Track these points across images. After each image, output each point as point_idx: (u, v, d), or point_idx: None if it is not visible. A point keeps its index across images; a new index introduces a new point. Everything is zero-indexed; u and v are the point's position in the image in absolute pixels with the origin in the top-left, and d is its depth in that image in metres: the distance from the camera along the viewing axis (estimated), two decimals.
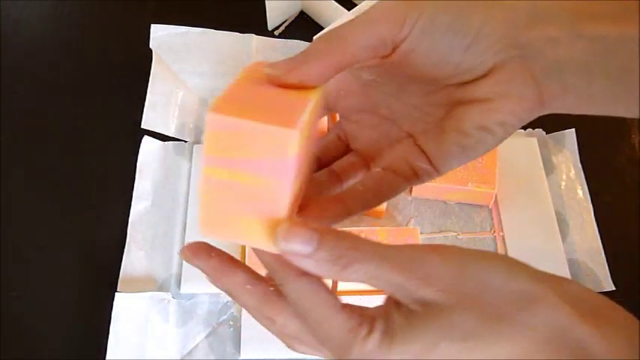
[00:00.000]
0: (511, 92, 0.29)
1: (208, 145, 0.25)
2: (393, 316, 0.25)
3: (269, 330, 0.29)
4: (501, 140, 0.30)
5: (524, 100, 0.29)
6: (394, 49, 0.29)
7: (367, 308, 0.26)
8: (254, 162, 0.25)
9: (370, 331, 0.25)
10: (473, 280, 0.24)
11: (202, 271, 0.29)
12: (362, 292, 0.53)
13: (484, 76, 0.29)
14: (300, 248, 0.25)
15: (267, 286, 0.28)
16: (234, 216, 0.27)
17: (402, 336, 0.24)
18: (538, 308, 0.24)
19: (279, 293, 0.28)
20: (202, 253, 0.29)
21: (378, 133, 0.34)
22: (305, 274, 0.26)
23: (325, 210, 0.31)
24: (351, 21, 0.29)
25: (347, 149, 0.35)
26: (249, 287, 0.28)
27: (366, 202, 0.32)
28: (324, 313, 0.25)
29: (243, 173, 0.25)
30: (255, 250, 0.27)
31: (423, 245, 0.26)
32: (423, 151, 0.32)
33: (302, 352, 0.30)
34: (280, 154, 0.24)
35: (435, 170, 0.32)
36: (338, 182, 0.34)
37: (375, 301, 0.27)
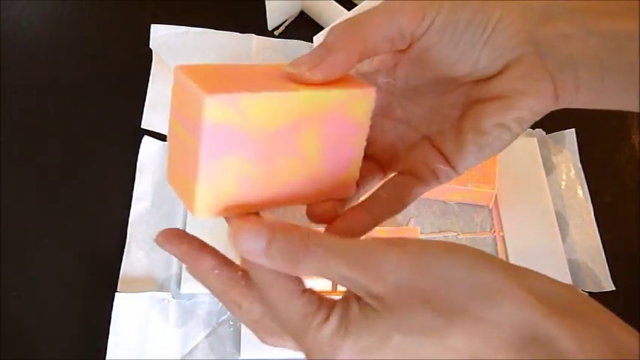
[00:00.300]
0: (528, 88, 0.29)
1: (172, 98, 0.29)
2: (351, 307, 0.25)
3: (235, 315, 0.29)
4: (516, 136, 0.31)
5: (541, 96, 0.30)
6: (411, 44, 0.29)
7: (328, 297, 0.26)
8: (188, 120, 0.27)
9: (326, 319, 0.24)
10: (429, 275, 0.24)
11: (175, 256, 0.30)
12: None
13: (500, 72, 0.30)
14: (250, 246, 0.25)
15: (235, 271, 0.29)
16: (180, 173, 0.28)
17: (357, 326, 0.24)
18: (502, 302, 0.23)
19: (247, 278, 0.28)
20: (174, 239, 0.30)
21: (393, 137, 0.34)
22: None
23: (354, 222, 0.31)
24: (370, 10, 0.29)
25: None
26: (216, 272, 0.29)
27: (391, 209, 0.32)
28: (282, 297, 0.26)
29: (183, 129, 0.27)
30: (229, 235, 0.27)
31: (380, 239, 0.25)
32: (441, 152, 0.32)
33: (272, 344, 0.30)
34: (198, 117, 0.26)
35: (454, 170, 0.32)
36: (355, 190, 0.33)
37: None
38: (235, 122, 0.26)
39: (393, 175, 0.34)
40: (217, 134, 0.26)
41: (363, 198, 0.33)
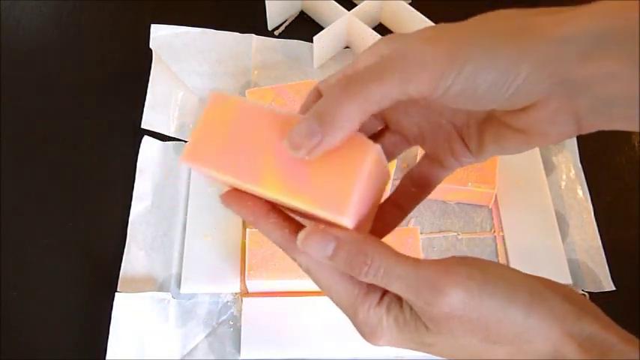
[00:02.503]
0: (550, 131, 0.28)
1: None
2: (404, 311, 0.28)
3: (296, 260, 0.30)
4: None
5: (561, 136, 0.29)
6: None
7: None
8: None
9: (378, 304, 0.28)
10: (482, 311, 0.26)
11: (241, 215, 0.30)
12: None
13: (525, 109, 0.27)
14: (316, 253, 0.27)
15: (288, 230, 0.30)
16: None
17: (404, 329, 0.27)
18: (545, 342, 0.26)
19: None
20: (239, 198, 0.30)
21: (419, 119, 0.33)
22: None
23: (387, 217, 0.33)
24: (376, 70, 0.26)
25: (383, 130, 0.34)
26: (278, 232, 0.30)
27: (418, 199, 0.34)
28: (335, 279, 0.28)
29: None
30: (260, 230, 0.30)
31: (440, 263, 0.27)
32: (464, 141, 0.32)
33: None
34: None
35: (475, 158, 0.33)
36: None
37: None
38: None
39: (416, 164, 0.34)
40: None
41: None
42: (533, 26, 0.26)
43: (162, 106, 0.64)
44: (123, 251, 0.56)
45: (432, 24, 0.65)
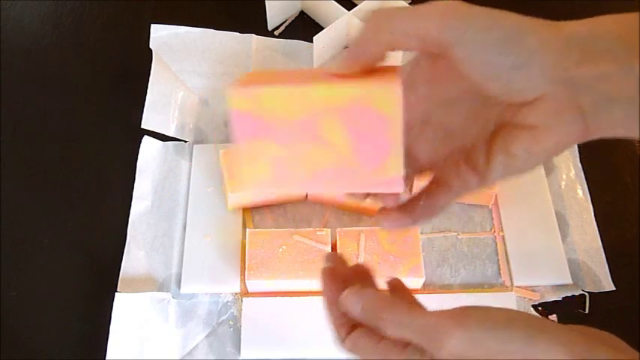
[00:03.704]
0: (557, 126, 0.29)
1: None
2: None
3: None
4: (542, 163, 0.33)
5: (570, 135, 0.30)
6: (444, 53, 0.29)
7: None
8: None
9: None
10: (484, 347, 0.28)
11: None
12: None
13: (532, 102, 0.29)
14: (351, 307, 0.34)
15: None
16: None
17: None
18: None
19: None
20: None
21: (433, 143, 0.35)
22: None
23: (397, 221, 0.35)
24: (401, 7, 0.31)
25: None
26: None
27: (425, 215, 0.35)
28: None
29: None
30: (342, 296, 0.35)
31: (445, 313, 0.30)
32: (472, 164, 0.33)
33: None
34: None
35: (483, 182, 0.33)
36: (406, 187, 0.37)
37: None
38: (257, 112, 0.30)
39: (427, 183, 0.36)
40: (243, 121, 0.31)
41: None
42: (537, 25, 0.29)
43: (162, 106, 0.64)
44: (123, 251, 0.56)
45: None
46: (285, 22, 0.72)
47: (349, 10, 0.66)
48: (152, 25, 0.66)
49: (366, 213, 0.58)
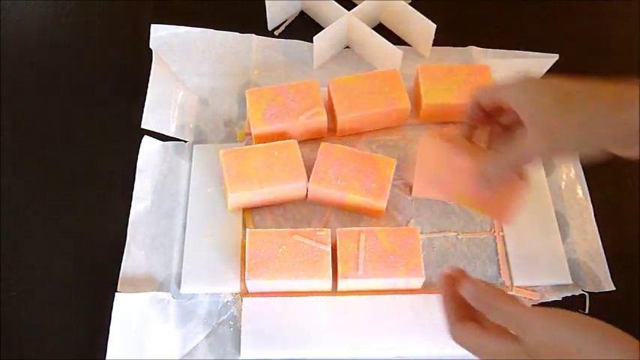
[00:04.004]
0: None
1: None
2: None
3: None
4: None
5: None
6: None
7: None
8: None
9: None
10: (566, 343, 0.34)
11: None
12: (360, 293, 0.53)
13: None
14: (467, 293, 0.40)
15: None
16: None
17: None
18: None
19: None
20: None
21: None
22: None
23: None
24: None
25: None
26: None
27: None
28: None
29: None
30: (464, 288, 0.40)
31: (535, 310, 0.38)
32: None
33: None
34: None
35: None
36: None
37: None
38: None
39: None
40: None
41: None
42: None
43: (162, 106, 0.64)
44: (123, 251, 0.56)
45: (432, 24, 0.65)
46: (285, 22, 0.72)
47: (349, 10, 0.66)
48: (152, 25, 0.66)
49: (366, 213, 0.58)
